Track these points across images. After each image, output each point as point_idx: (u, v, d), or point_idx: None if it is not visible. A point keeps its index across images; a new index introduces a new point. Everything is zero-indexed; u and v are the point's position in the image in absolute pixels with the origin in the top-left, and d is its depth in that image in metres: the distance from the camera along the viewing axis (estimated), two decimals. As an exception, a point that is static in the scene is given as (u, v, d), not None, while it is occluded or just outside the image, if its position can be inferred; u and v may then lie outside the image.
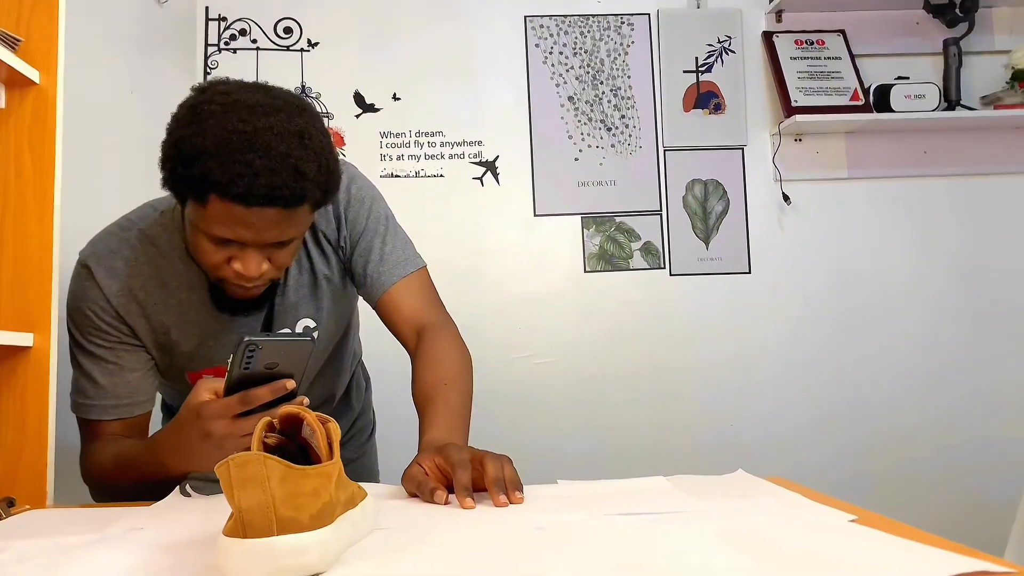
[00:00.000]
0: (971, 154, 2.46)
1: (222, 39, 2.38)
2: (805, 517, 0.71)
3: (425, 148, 2.40)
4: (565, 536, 0.67)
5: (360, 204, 1.20)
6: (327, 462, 0.63)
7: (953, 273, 2.43)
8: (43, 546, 0.69)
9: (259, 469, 0.56)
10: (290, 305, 1.18)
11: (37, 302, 1.00)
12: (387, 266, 1.20)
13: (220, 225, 0.97)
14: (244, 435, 0.88)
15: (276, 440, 0.69)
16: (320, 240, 1.19)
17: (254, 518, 0.55)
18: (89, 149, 1.52)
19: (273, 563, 0.55)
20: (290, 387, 0.86)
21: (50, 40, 1.04)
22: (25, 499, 0.97)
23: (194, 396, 0.91)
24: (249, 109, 0.95)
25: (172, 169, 0.97)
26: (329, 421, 0.69)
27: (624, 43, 2.46)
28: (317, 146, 0.98)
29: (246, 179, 0.92)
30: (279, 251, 1.03)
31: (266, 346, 0.83)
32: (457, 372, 1.15)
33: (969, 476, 2.36)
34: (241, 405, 0.87)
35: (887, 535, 0.63)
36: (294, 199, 0.96)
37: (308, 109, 1.02)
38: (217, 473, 0.56)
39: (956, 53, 2.39)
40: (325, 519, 0.59)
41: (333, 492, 0.62)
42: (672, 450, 2.33)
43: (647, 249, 2.40)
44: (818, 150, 2.44)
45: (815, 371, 2.38)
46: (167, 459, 0.98)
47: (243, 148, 0.92)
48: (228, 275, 1.04)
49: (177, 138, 0.96)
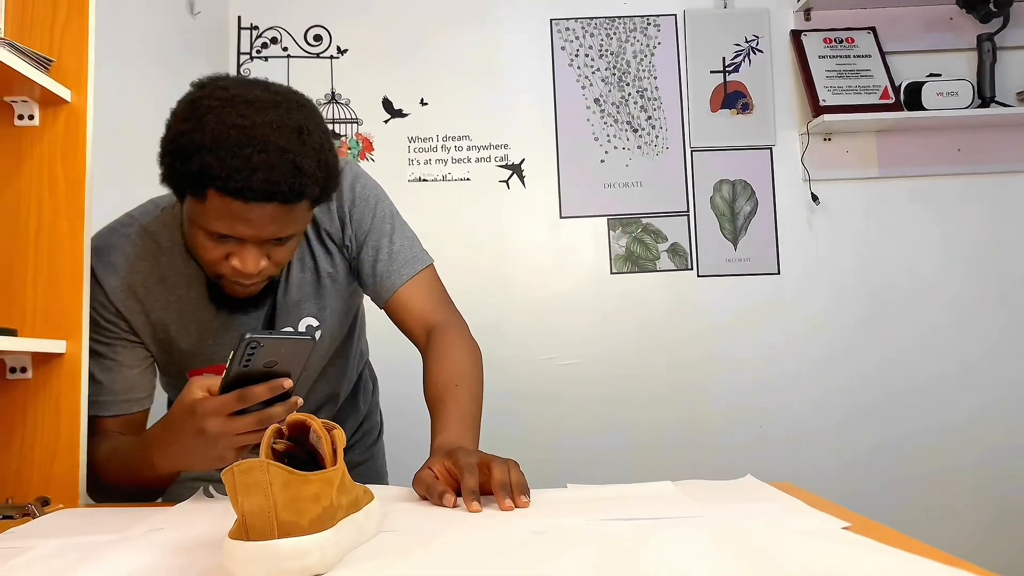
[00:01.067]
0: (1007, 151, 2.41)
1: (254, 47, 2.43)
2: (799, 524, 0.71)
3: (452, 152, 2.43)
4: (562, 540, 0.69)
5: (365, 203, 1.20)
6: (330, 468, 0.66)
7: (987, 274, 2.39)
8: (67, 545, 0.73)
9: (262, 475, 0.59)
10: (293, 303, 1.18)
11: (69, 311, 1.05)
12: (396, 265, 1.20)
13: (218, 221, 0.96)
14: (238, 434, 0.88)
15: (284, 446, 0.72)
16: (324, 238, 1.19)
17: (256, 522, 0.58)
18: (124, 159, 1.57)
19: (274, 564, 0.58)
20: (287, 386, 0.86)
21: (81, 60, 1.08)
22: (58, 499, 1.01)
23: (188, 393, 0.90)
24: (248, 104, 0.95)
25: (170, 164, 0.97)
26: (335, 428, 0.72)
27: (650, 44, 2.46)
28: (316, 142, 0.98)
29: (244, 174, 0.92)
30: (278, 248, 1.03)
31: (267, 344, 0.83)
32: (467, 372, 1.15)
33: (1001, 480, 2.32)
34: (238, 403, 0.86)
35: (877, 543, 0.64)
36: (292, 195, 0.95)
37: (307, 105, 1.02)
38: (223, 479, 0.59)
39: (990, 49, 2.35)
40: (326, 523, 0.62)
41: (335, 497, 0.64)
42: (699, 451, 2.33)
43: (674, 250, 2.41)
44: (848, 149, 2.42)
45: (844, 372, 2.36)
46: (156, 457, 0.97)
47: (241, 143, 0.92)
48: (226, 272, 1.03)
49: (175, 133, 0.96)
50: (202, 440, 0.89)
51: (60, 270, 1.05)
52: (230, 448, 0.90)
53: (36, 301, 1.05)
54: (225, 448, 0.90)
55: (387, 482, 1.58)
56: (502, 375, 2.26)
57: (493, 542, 0.69)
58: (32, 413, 1.04)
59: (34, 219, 1.06)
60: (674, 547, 0.65)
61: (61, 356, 1.04)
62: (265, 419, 0.87)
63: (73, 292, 1.05)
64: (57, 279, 1.05)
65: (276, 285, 1.16)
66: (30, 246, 1.06)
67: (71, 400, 1.04)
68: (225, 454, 0.90)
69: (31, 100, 1.07)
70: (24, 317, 1.05)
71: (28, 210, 1.06)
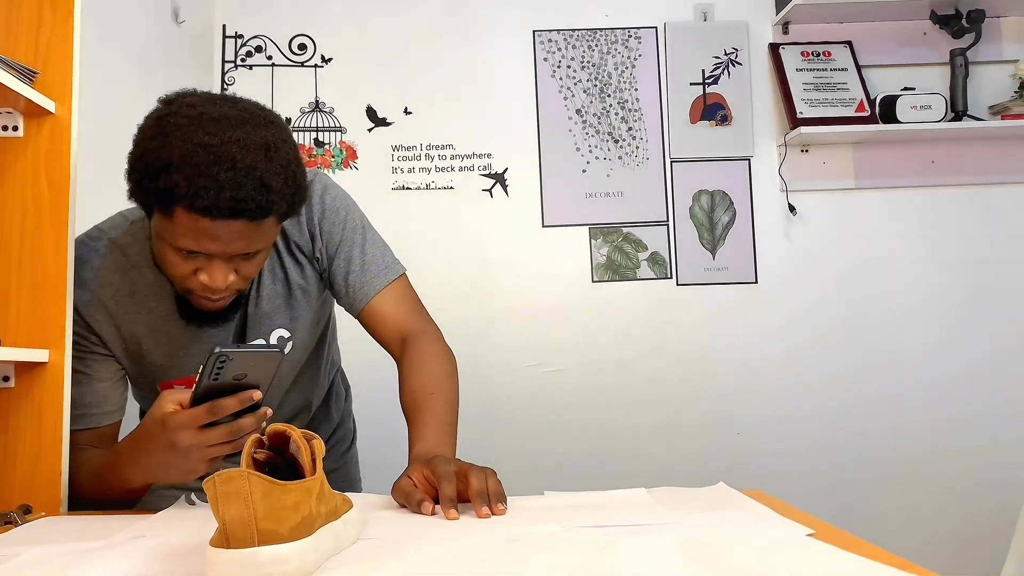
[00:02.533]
0: (979, 164, 2.46)
1: (238, 56, 2.45)
2: (764, 531, 0.74)
3: (436, 161, 2.45)
4: (534, 547, 0.71)
5: (335, 214, 1.21)
6: (309, 477, 0.68)
7: (961, 283, 2.44)
8: (51, 552, 0.75)
9: (243, 484, 0.60)
10: (264, 315, 1.19)
11: (52, 320, 1.06)
12: (368, 276, 1.21)
13: (185, 237, 0.97)
14: (209, 446, 0.90)
15: (265, 456, 0.74)
16: (294, 251, 1.20)
17: (237, 530, 0.60)
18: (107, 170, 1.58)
19: (253, 572, 0.59)
20: (256, 398, 0.88)
21: (65, 71, 1.10)
22: (41, 507, 1.02)
23: (158, 407, 0.91)
24: (215, 121, 0.96)
25: (138, 181, 0.97)
26: (314, 438, 0.73)
27: (631, 56, 2.49)
28: (283, 158, 0.99)
29: (211, 192, 0.92)
30: (246, 262, 1.04)
31: (236, 358, 0.84)
32: (442, 380, 1.16)
33: (978, 488, 2.36)
34: (209, 415, 0.87)
35: (837, 550, 0.66)
36: (260, 212, 0.96)
37: (275, 121, 1.02)
38: (204, 488, 0.61)
39: (963, 63, 2.40)
40: (304, 531, 0.63)
41: (314, 506, 0.66)
42: (679, 457, 2.36)
43: (654, 259, 2.44)
44: (825, 161, 2.46)
45: (821, 380, 2.40)
46: (128, 471, 0.98)
47: (208, 161, 0.93)
48: (194, 287, 1.04)
49: (143, 150, 0.96)
50: (173, 453, 0.91)
51: (43, 280, 1.07)
52: (201, 460, 0.92)
53: (19, 310, 1.06)
54: (196, 460, 0.92)
55: (360, 489, 1.59)
56: (485, 382, 2.29)
57: (469, 549, 0.71)
58: (14, 422, 1.05)
59: (17, 229, 1.07)
60: (643, 554, 0.67)
61: (44, 365, 1.05)
62: (235, 431, 0.90)
63: (56, 302, 1.06)
64: (40, 289, 1.06)
65: (246, 298, 1.18)
66: (13, 256, 1.07)
67: (54, 409, 1.05)
68: (196, 466, 0.92)
69: (15, 111, 1.08)
70: (7, 326, 1.06)
71: (12, 220, 1.07)
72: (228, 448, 0.91)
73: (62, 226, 1.07)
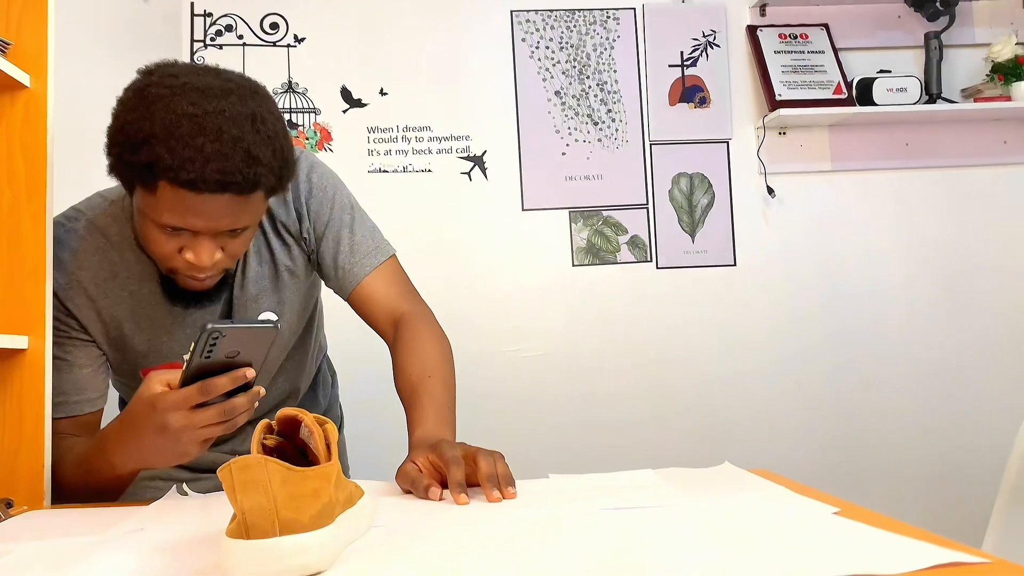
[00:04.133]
0: (952, 146, 2.49)
1: (208, 35, 2.37)
2: (789, 511, 0.73)
3: (413, 143, 2.40)
4: (556, 531, 0.69)
5: (323, 193, 1.17)
6: (326, 463, 0.65)
7: (935, 262, 2.47)
8: (45, 548, 0.71)
9: (260, 472, 0.57)
10: (250, 297, 1.16)
11: (32, 305, 1.01)
12: (358, 256, 1.18)
13: (170, 213, 0.93)
14: (202, 427, 0.85)
15: (275, 442, 0.70)
16: (281, 231, 1.16)
17: (256, 519, 0.57)
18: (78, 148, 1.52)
19: (275, 563, 0.56)
20: (250, 376, 0.83)
21: (40, 43, 1.04)
22: (23, 500, 0.98)
23: (146, 388, 0.87)
24: (199, 92, 0.92)
25: (119, 155, 0.93)
26: (326, 422, 0.70)
27: (610, 37, 2.47)
28: (271, 130, 0.95)
29: (197, 164, 0.89)
30: (232, 240, 1.00)
31: (229, 334, 0.80)
32: (438, 363, 1.14)
33: (955, 465, 2.40)
34: (200, 395, 0.83)
35: (869, 528, 0.65)
36: (247, 185, 0.93)
37: (261, 92, 0.99)
38: (219, 476, 0.58)
39: (937, 46, 2.42)
40: (325, 519, 0.61)
41: (332, 492, 0.63)
42: (660, 440, 2.36)
43: (634, 243, 2.43)
44: (802, 143, 2.47)
45: (801, 361, 2.42)
46: (115, 456, 0.94)
47: (193, 132, 0.89)
48: (179, 265, 1.00)
49: (123, 122, 0.92)
50: (164, 436, 0.86)
51: (21, 263, 1.02)
52: (194, 442, 0.87)
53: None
54: (189, 443, 0.86)
55: (348, 475, 1.56)
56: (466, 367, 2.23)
57: (489, 535, 0.69)
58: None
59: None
60: (669, 537, 0.65)
61: (23, 352, 1.00)
62: (228, 411, 0.85)
63: (35, 286, 1.01)
64: (18, 272, 1.01)
65: (232, 279, 1.14)
66: (-12, 238, 1.02)
67: (34, 398, 1.00)
68: (188, 449, 0.87)
69: (-13, 85, 1.02)
70: (-17, 312, 1.00)
71: (-15, 200, 1.02)
72: (221, 429, 0.86)
73: (40, 206, 1.02)
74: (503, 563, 0.60)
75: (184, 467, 1.32)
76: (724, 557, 0.58)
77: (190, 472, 1.32)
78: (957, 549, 0.58)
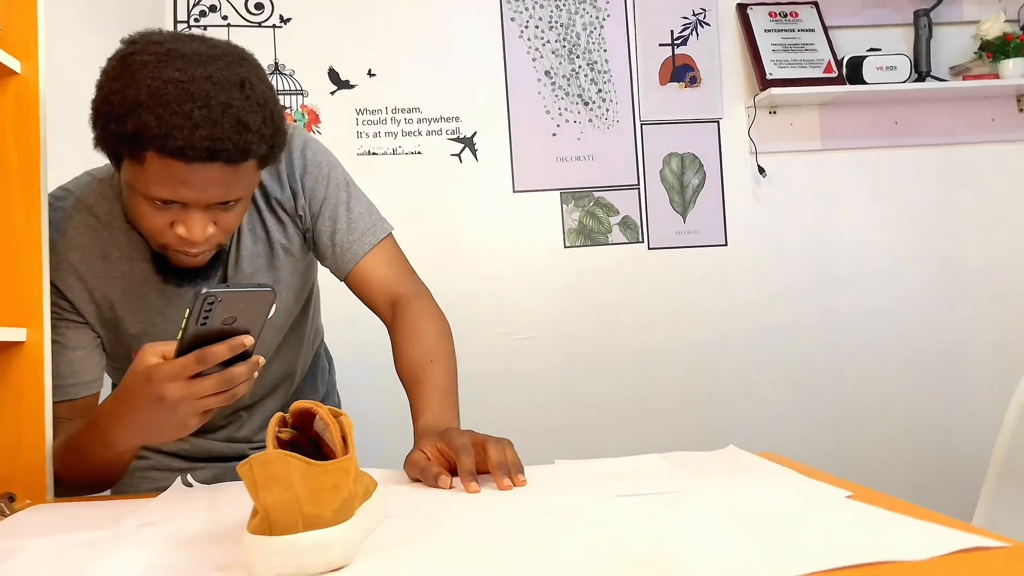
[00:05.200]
0: (940, 124, 2.50)
1: (191, 15, 2.33)
2: (803, 495, 0.73)
3: (402, 125, 2.38)
4: (574, 521, 0.69)
5: (318, 170, 1.15)
6: (344, 456, 0.64)
7: (924, 239, 2.49)
8: (57, 545, 0.70)
9: (282, 468, 0.57)
10: (245, 276, 1.13)
11: (28, 296, 0.99)
12: (355, 235, 1.16)
13: (159, 185, 0.91)
14: (201, 397, 0.82)
15: (289, 435, 0.70)
16: (275, 208, 1.14)
17: (280, 516, 0.56)
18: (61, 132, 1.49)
19: (300, 559, 0.56)
20: (248, 344, 0.81)
21: (30, 27, 1.01)
22: (24, 494, 0.96)
23: (140, 361, 0.83)
24: (185, 58, 0.89)
25: (104, 126, 0.90)
26: (341, 414, 0.70)
27: (600, 16, 2.45)
28: (260, 96, 0.92)
29: (185, 131, 0.86)
30: (225, 213, 0.97)
31: (225, 298, 0.76)
32: (440, 346, 1.13)
33: (944, 443, 2.43)
34: (198, 364, 0.80)
35: (886, 512, 0.66)
36: (238, 153, 0.90)
37: (249, 59, 0.97)
38: (239, 472, 0.57)
39: (926, 24, 2.42)
40: (346, 513, 0.60)
41: (352, 486, 0.63)
42: (652, 420, 2.37)
43: (625, 223, 2.42)
44: (792, 122, 2.47)
45: (791, 339, 2.43)
46: (111, 432, 0.91)
47: (180, 98, 0.86)
48: (171, 241, 0.98)
49: (108, 92, 0.90)
50: (162, 408, 0.83)
51: (15, 253, 1.00)
52: (192, 414, 0.84)
53: (-9, 287, 0.99)
54: (187, 414, 0.84)
55: None
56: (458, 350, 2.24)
57: (508, 525, 0.69)
58: (-9, 405, 0.98)
59: (-15, 199, 1.00)
60: (689, 524, 0.65)
61: (21, 345, 0.99)
62: (228, 380, 0.82)
63: (32, 276, 1.00)
64: (13, 262, 0.99)
65: (226, 256, 1.11)
66: (-19, 228, 0.99)
67: (34, 391, 0.99)
68: (188, 420, 0.85)
69: (-24, 71, 1.00)
70: (-22, 304, 0.98)
71: (-22, 190, 1.00)
72: (221, 399, 0.84)
73: (34, 195, 1.00)
74: (526, 554, 0.60)
75: (180, 456, 1.31)
76: (746, 544, 0.58)
77: (186, 461, 1.31)
78: (978, 534, 0.58)
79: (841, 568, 0.52)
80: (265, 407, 1.34)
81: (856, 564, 0.52)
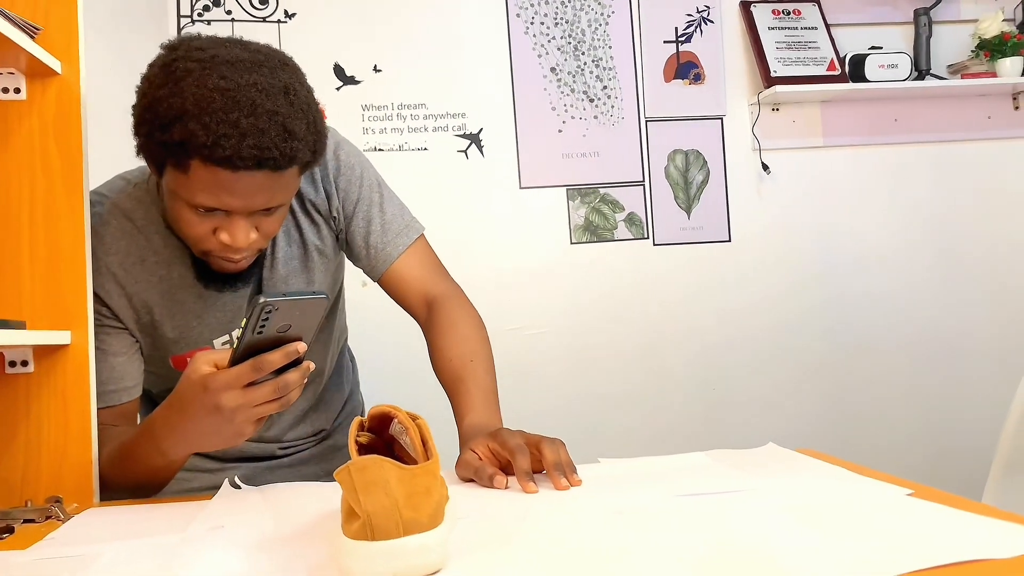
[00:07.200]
0: (939, 121, 2.54)
1: (195, 10, 2.31)
2: (866, 494, 0.75)
3: (408, 121, 2.38)
4: (646, 520, 0.70)
5: (351, 171, 1.15)
6: (428, 460, 0.65)
7: (924, 233, 2.53)
8: (133, 549, 0.70)
9: (379, 472, 0.57)
10: (280, 279, 1.14)
11: (72, 298, 0.98)
12: (390, 236, 1.16)
13: (204, 193, 0.90)
14: (256, 405, 0.83)
15: (367, 439, 0.70)
16: (309, 210, 1.14)
17: (381, 521, 0.57)
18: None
19: (401, 563, 0.57)
20: (302, 350, 0.81)
21: (70, 27, 1.00)
22: (72, 498, 0.96)
23: (194, 369, 0.84)
24: (229, 65, 0.88)
25: (148, 134, 0.90)
26: (418, 417, 0.70)
27: (605, 13, 2.46)
28: (303, 102, 0.92)
29: (232, 140, 0.86)
30: (267, 218, 0.97)
31: (282, 307, 0.76)
32: (479, 346, 1.15)
33: (949, 433, 2.48)
34: (254, 373, 0.80)
35: (954, 510, 0.67)
36: (284, 160, 0.90)
37: (290, 63, 0.96)
38: (337, 478, 0.58)
39: (926, 23, 2.45)
40: (439, 517, 0.61)
41: (440, 489, 0.64)
42: (660, 414, 2.39)
43: (631, 220, 2.44)
44: (794, 119, 2.50)
45: (796, 333, 2.46)
46: (165, 441, 0.91)
47: (227, 107, 0.86)
48: (214, 247, 0.98)
49: (152, 100, 0.89)
50: (218, 416, 0.83)
51: (59, 255, 0.99)
52: (248, 422, 0.85)
53: (35, 289, 0.98)
54: (243, 422, 0.84)
55: None
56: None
57: (581, 525, 0.70)
58: (36, 409, 0.98)
59: (27, 201, 0.99)
60: (760, 524, 0.67)
61: (65, 348, 0.98)
62: (282, 387, 0.82)
63: (75, 278, 0.99)
64: (57, 265, 0.99)
65: (262, 260, 1.12)
66: (24, 230, 0.98)
67: (79, 393, 0.98)
68: (244, 428, 0.85)
69: (17, 72, 0.99)
70: (22, 307, 0.98)
71: (20, 192, 0.99)
72: (275, 407, 0.84)
73: (77, 196, 1.00)
74: (610, 551, 0.61)
75: (210, 456, 1.31)
76: (824, 544, 0.60)
77: (216, 461, 1.31)
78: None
79: (933, 568, 0.53)
80: (294, 406, 1.33)
81: (949, 564, 0.54)
